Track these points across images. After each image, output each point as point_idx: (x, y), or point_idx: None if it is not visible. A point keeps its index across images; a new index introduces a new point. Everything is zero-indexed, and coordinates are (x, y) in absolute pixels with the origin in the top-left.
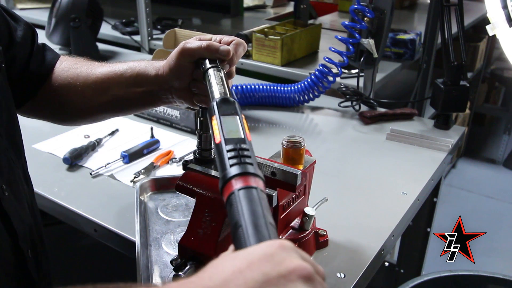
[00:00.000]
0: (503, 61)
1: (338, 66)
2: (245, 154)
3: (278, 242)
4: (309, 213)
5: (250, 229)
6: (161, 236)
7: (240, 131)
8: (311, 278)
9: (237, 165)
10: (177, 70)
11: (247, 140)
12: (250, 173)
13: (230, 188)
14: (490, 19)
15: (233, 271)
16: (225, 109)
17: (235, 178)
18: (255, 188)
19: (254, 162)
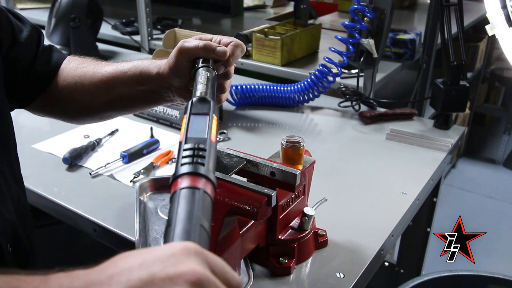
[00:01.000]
0: (503, 61)
1: (338, 66)
2: (200, 154)
3: (184, 244)
4: (309, 213)
5: (177, 228)
6: (160, 236)
7: (205, 131)
8: (201, 284)
9: (188, 164)
10: (176, 69)
11: (209, 141)
12: (198, 174)
13: (175, 186)
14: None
15: (123, 267)
16: (198, 108)
17: (182, 177)
18: (198, 189)
19: (209, 163)
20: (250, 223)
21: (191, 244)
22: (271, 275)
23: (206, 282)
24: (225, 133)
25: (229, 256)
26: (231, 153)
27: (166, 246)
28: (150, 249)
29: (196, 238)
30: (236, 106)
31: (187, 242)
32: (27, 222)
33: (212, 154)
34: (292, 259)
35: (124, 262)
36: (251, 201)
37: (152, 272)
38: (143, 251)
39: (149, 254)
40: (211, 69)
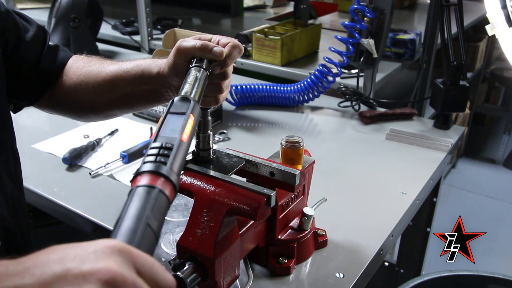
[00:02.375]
0: (503, 61)
1: (338, 66)
2: (165, 153)
3: (110, 242)
4: (308, 213)
5: (123, 225)
6: (160, 236)
7: (177, 130)
8: (114, 284)
9: (150, 163)
10: (174, 68)
11: (179, 141)
12: (158, 173)
13: (134, 183)
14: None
15: (42, 261)
16: (176, 108)
17: (141, 175)
18: (153, 188)
19: (174, 163)
20: (250, 223)
21: (117, 242)
22: (271, 275)
23: (121, 281)
24: (225, 133)
25: (229, 256)
26: (230, 153)
27: (92, 243)
28: (78, 245)
29: (138, 237)
30: (236, 106)
31: (114, 241)
32: (22, 219)
33: (179, 154)
34: (292, 259)
35: (44, 256)
36: (250, 201)
37: (67, 267)
38: (70, 246)
39: (73, 249)
40: (203, 69)
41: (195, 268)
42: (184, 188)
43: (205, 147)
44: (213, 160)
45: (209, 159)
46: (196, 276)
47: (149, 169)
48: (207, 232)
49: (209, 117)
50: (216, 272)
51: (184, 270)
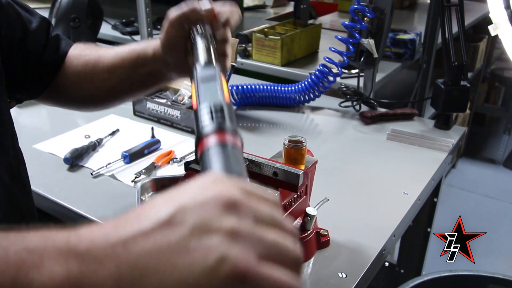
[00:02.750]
0: (503, 61)
1: (338, 66)
2: (219, 115)
3: (213, 176)
4: (311, 213)
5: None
6: None
7: (218, 93)
8: (233, 205)
9: (210, 124)
10: (169, 44)
11: (224, 102)
12: (224, 129)
13: (201, 147)
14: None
15: (150, 206)
16: (204, 75)
17: (207, 137)
18: (227, 145)
19: (230, 120)
20: None
21: (219, 175)
22: None
23: (239, 202)
24: None
25: None
26: None
27: (194, 182)
28: (179, 188)
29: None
30: (237, 106)
31: (216, 174)
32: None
33: (232, 113)
34: None
35: (151, 202)
36: None
37: (180, 203)
38: (170, 192)
39: (177, 191)
40: (207, 34)
41: None
42: None
43: None
44: None
45: None
46: None
47: (212, 128)
48: None
49: None
50: None
51: None
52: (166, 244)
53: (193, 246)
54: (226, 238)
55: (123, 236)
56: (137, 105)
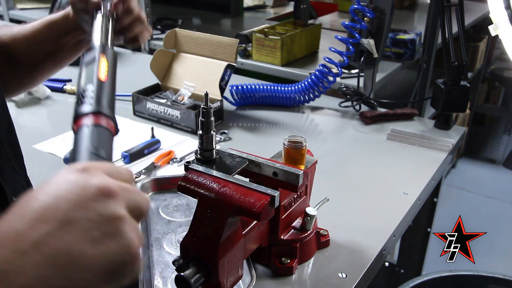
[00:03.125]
0: (503, 61)
1: (338, 66)
2: (84, 95)
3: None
4: (311, 213)
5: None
6: (162, 236)
7: (94, 74)
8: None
9: (79, 106)
10: (78, 18)
11: (96, 80)
12: (79, 115)
13: (73, 126)
14: (492, 19)
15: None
16: (88, 58)
17: (75, 122)
18: (83, 126)
19: (99, 99)
20: (253, 223)
21: (75, 166)
22: (274, 275)
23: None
24: (226, 133)
25: (232, 256)
26: (233, 153)
27: (54, 180)
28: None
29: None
30: (237, 106)
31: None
32: None
33: (104, 91)
34: (294, 259)
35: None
36: (254, 202)
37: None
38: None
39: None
40: (102, 13)
41: (199, 268)
42: (187, 189)
43: (208, 148)
44: (216, 161)
45: (212, 159)
46: (199, 276)
47: (80, 111)
48: (211, 232)
49: (212, 117)
50: (219, 272)
51: (188, 271)
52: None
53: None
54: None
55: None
56: (137, 105)
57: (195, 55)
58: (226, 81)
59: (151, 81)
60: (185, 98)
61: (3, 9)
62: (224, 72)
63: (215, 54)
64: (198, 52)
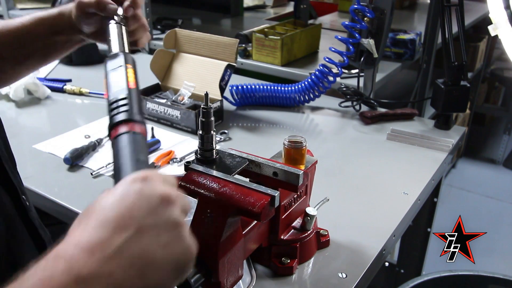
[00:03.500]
0: (503, 61)
1: (338, 66)
2: (123, 103)
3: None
4: (311, 213)
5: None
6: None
7: (123, 81)
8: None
9: (116, 114)
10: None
11: (128, 89)
12: (126, 120)
13: (112, 135)
14: (492, 20)
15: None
16: (112, 64)
17: (114, 127)
18: (128, 133)
19: (132, 107)
20: (253, 223)
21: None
22: (274, 275)
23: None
24: (226, 133)
25: (232, 256)
26: (233, 153)
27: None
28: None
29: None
30: (237, 106)
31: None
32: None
33: (134, 97)
34: (294, 259)
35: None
36: (254, 202)
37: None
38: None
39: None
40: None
41: (199, 268)
42: (188, 189)
43: (208, 148)
44: (216, 161)
45: (212, 159)
46: (200, 276)
47: (117, 120)
48: (211, 232)
49: (212, 117)
50: (220, 272)
51: None
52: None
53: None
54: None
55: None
56: None
57: (195, 55)
58: (226, 81)
59: (151, 81)
60: (185, 98)
61: (3, 9)
62: (224, 72)
63: (215, 54)
64: (198, 52)
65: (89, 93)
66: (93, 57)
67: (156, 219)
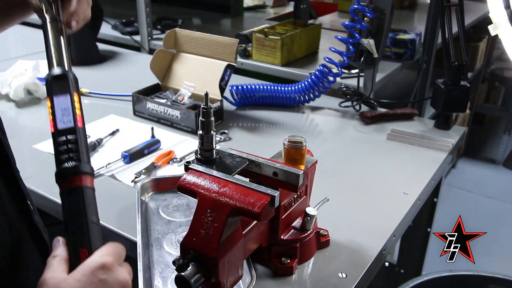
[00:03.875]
0: (503, 61)
1: (338, 66)
2: (73, 149)
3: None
4: (311, 213)
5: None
6: (162, 236)
7: (71, 116)
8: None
9: (68, 162)
10: None
11: (78, 128)
12: (79, 173)
13: (62, 187)
14: (492, 19)
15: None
16: (57, 88)
17: (67, 178)
18: (81, 189)
19: (83, 154)
20: (253, 223)
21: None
22: (274, 275)
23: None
24: (226, 133)
25: (232, 256)
26: (233, 153)
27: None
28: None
29: (93, 238)
30: (237, 106)
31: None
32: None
33: (83, 141)
34: (294, 259)
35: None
36: (254, 202)
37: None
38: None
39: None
40: (57, 21)
41: (199, 268)
42: (188, 189)
43: (208, 148)
44: (216, 161)
45: (212, 159)
46: (200, 276)
47: (68, 171)
48: (211, 232)
49: (212, 117)
50: (220, 272)
51: (188, 271)
52: None
53: None
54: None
55: None
56: (137, 105)
57: (195, 55)
58: (226, 81)
59: (151, 81)
60: (185, 98)
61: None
62: (224, 72)
63: (215, 54)
64: (198, 52)
65: (89, 93)
66: (93, 57)
67: None
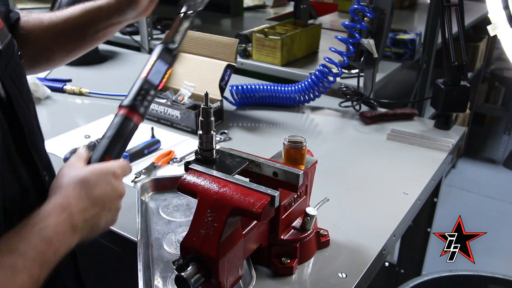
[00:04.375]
0: (503, 61)
1: (338, 66)
2: (147, 99)
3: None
4: (311, 213)
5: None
6: (162, 236)
7: (159, 77)
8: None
9: (136, 100)
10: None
11: (156, 88)
12: (137, 111)
13: (119, 111)
14: (491, 20)
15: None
16: (164, 56)
17: (121, 107)
18: (130, 120)
19: (144, 102)
20: (253, 223)
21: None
22: (274, 275)
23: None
24: (226, 133)
25: (232, 256)
26: (233, 153)
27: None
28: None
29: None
30: (237, 106)
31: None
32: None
33: (153, 96)
34: (294, 259)
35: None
36: (254, 202)
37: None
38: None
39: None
40: (188, 16)
41: (199, 268)
42: (188, 188)
43: (208, 148)
44: (216, 161)
45: (212, 159)
46: (199, 276)
47: (127, 104)
48: (211, 232)
49: (212, 117)
50: (220, 272)
51: (188, 271)
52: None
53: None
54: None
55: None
56: None
57: (195, 55)
58: (226, 81)
59: None
60: (185, 98)
61: None
62: (224, 72)
63: (215, 54)
64: (198, 52)
65: (89, 93)
66: (93, 57)
67: (112, 205)
